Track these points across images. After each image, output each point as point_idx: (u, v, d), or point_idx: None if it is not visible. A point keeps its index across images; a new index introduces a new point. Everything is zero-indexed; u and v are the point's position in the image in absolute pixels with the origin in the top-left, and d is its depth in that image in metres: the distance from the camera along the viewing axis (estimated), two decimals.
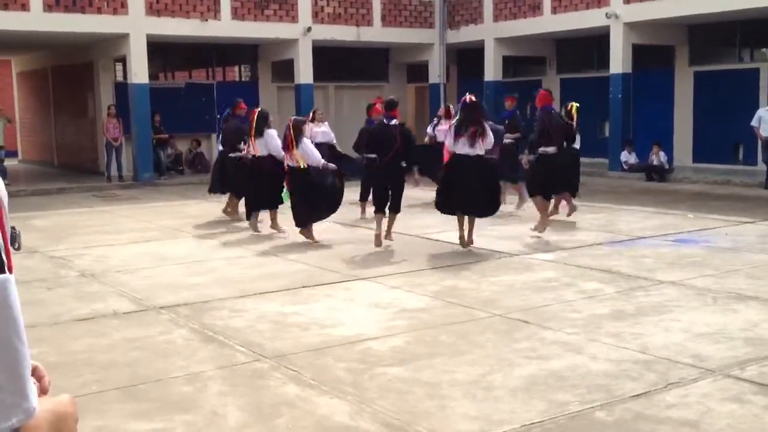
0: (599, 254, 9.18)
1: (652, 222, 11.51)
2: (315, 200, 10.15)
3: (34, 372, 1.27)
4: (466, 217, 9.58)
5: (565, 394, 4.70)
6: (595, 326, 6.16)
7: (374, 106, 12.87)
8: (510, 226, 11.31)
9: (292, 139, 10.01)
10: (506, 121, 14.00)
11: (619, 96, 18.23)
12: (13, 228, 1.15)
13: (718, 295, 7.10)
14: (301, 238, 10.28)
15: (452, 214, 9.76)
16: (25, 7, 16.36)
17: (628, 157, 18.20)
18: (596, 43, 19.43)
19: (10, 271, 1.11)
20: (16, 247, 1.15)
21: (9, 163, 20.08)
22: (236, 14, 18.84)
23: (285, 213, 10.77)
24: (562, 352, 5.55)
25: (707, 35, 18.43)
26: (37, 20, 16.52)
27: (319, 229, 11.62)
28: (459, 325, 6.31)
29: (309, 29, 19.63)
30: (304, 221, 10.22)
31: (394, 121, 9.81)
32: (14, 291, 1.11)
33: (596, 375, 5.03)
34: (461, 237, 9.61)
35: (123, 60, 19.26)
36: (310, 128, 14.94)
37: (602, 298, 7.09)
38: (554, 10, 19.02)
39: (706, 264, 8.49)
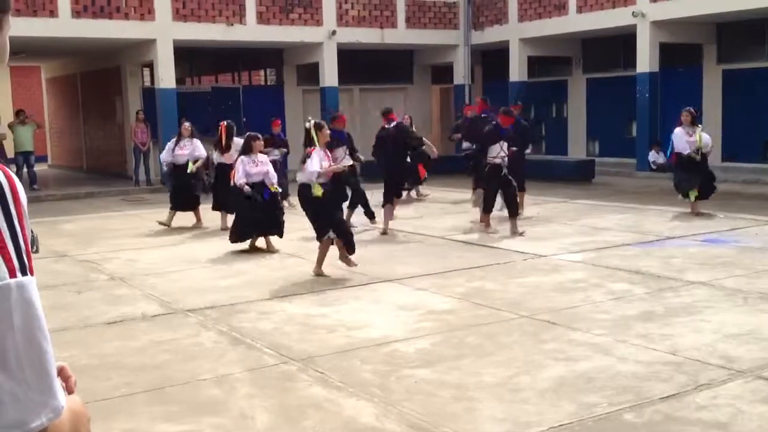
0: (628, 255, 9.10)
1: (681, 222, 11.40)
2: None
3: (61, 372, 1.29)
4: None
5: (594, 396, 4.66)
6: (624, 327, 6.11)
7: (468, 107, 15.58)
8: (536, 228, 11.25)
9: (223, 141, 10.40)
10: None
11: (647, 95, 18.07)
12: (31, 231, 1.17)
13: (749, 296, 7.01)
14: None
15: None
16: (53, 13, 16.56)
17: (656, 157, 18.03)
18: (623, 42, 19.27)
19: (31, 273, 1.13)
20: (35, 249, 1.18)
21: (39, 168, 20.31)
22: (261, 18, 18.92)
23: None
24: (590, 353, 5.51)
25: (735, 33, 18.21)
26: (65, 26, 16.72)
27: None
28: (486, 327, 6.29)
29: (334, 32, 19.67)
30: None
31: (392, 124, 11.50)
32: (36, 291, 1.13)
33: (625, 376, 4.99)
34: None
35: (150, 65, 19.43)
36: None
37: (631, 299, 7.03)
38: (579, 10, 18.90)
39: (736, 264, 8.39)
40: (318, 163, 8.21)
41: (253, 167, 9.83)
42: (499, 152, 10.62)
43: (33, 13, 16.36)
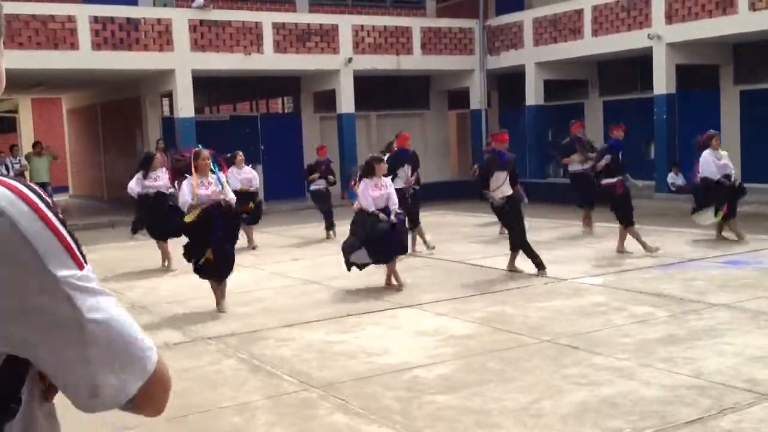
0: (649, 277, 9.04)
1: (702, 244, 11.31)
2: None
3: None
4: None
5: (617, 421, 4.62)
6: (646, 351, 6.06)
7: (576, 124, 13.90)
8: (556, 251, 11.20)
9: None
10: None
11: (664, 117, 18.02)
12: None
13: None
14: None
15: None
16: (74, 46, 16.79)
17: (675, 178, 17.94)
18: (639, 64, 19.28)
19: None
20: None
21: (59, 198, 20.53)
22: (279, 47, 19.10)
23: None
24: (613, 377, 5.46)
25: (752, 53, 18.17)
26: (86, 59, 16.94)
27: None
28: (507, 352, 6.26)
29: (350, 60, 19.81)
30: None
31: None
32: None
33: (649, 401, 4.94)
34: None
35: (169, 95, 19.64)
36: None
37: (653, 323, 6.97)
38: (595, 33, 18.94)
39: (758, 285, 8.31)
40: (188, 192, 8.19)
41: (375, 191, 9.11)
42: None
43: (54, 46, 16.60)
